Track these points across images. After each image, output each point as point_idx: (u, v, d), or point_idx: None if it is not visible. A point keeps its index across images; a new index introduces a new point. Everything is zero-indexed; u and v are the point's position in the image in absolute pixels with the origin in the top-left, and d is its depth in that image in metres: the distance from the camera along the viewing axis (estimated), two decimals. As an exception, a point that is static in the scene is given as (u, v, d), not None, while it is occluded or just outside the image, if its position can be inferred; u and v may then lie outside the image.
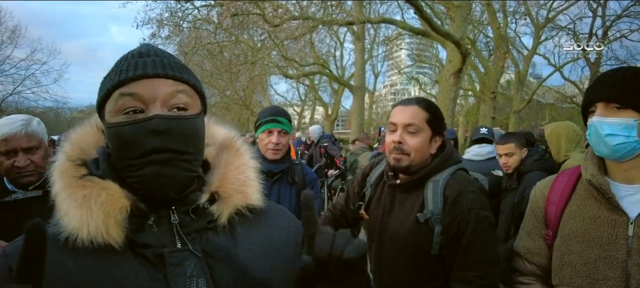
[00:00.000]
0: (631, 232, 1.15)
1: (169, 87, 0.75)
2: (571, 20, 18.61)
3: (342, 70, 27.17)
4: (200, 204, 0.80)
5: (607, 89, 1.17)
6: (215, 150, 0.89)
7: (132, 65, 0.75)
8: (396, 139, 1.56)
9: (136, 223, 0.74)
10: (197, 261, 0.75)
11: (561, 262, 1.27)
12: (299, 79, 20.67)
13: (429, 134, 1.58)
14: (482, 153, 3.61)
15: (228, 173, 0.85)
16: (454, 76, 8.75)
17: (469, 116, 24.24)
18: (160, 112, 0.73)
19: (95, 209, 0.71)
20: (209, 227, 0.80)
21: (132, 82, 0.74)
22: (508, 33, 17.49)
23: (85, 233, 0.70)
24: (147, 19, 13.83)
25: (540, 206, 1.40)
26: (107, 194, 0.72)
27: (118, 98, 0.74)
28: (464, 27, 9.13)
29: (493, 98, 15.54)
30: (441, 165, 1.58)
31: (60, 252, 0.71)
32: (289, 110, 38.27)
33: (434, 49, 25.10)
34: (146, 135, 0.71)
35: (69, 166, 0.76)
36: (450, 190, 1.50)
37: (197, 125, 0.78)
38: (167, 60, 0.78)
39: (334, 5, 12.51)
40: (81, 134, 0.83)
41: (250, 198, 0.86)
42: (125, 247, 0.72)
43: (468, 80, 22.37)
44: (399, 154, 1.56)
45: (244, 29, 14.80)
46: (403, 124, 1.56)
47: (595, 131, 1.18)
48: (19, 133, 1.61)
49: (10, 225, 1.62)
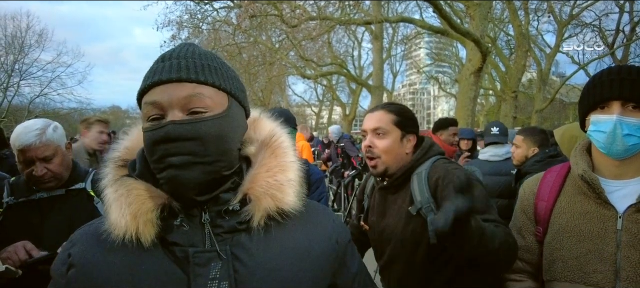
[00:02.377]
0: (620, 226, 1.18)
1: (184, 91, 0.74)
2: (597, 16, 18.15)
3: (360, 70, 27.12)
4: (231, 205, 0.79)
5: (628, 88, 1.15)
6: (256, 148, 0.86)
7: (152, 71, 0.77)
8: (366, 144, 1.63)
9: (168, 222, 0.76)
10: (223, 263, 0.75)
11: (552, 257, 1.29)
12: (316, 79, 20.74)
13: (398, 135, 1.61)
14: (500, 154, 3.53)
15: (258, 176, 0.82)
16: (474, 75, 8.65)
17: (489, 116, 23.87)
18: (176, 117, 0.73)
19: (125, 208, 0.75)
20: (241, 228, 0.79)
21: (151, 89, 0.76)
22: (530, 31, 17.15)
23: (118, 230, 0.74)
24: (167, 21, 14.12)
25: (530, 203, 1.41)
26: (135, 195, 0.76)
27: (144, 105, 0.77)
28: (484, 26, 9.01)
29: (514, 97, 15.23)
30: (421, 158, 1.61)
31: (100, 246, 0.77)
32: (307, 110, 38.43)
33: (454, 47, 24.80)
34: (160, 142, 0.72)
35: (112, 168, 0.82)
36: (435, 175, 1.51)
37: (219, 126, 0.76)
38: (186, 63, 0.77)
39: (351, 5, 12.51)
40: (132, 135, 0.88)
41: (282, 202, 0.82)
42: (156, 245, 0.75)
43: (489, 79, 22.04)
44: (372, 159, 1.62)
45: (262, 30, 14.94)
46: (371, 128, 1.63)
47: (613, 129, 1.16)
48: (35, 143, 1.64)
49: (36, 221, 1.70)
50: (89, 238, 0.79)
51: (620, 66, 1.23)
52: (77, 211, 1.75)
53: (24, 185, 1.75)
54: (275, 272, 0.78)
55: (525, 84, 22.94)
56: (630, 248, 1.15)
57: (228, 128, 0.78)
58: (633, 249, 1.14)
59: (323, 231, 0.89)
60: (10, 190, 1.73)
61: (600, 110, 1.21)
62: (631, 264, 1.14)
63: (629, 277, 1.14)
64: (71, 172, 1.82)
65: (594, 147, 1.28)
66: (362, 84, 21.34)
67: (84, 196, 1.81)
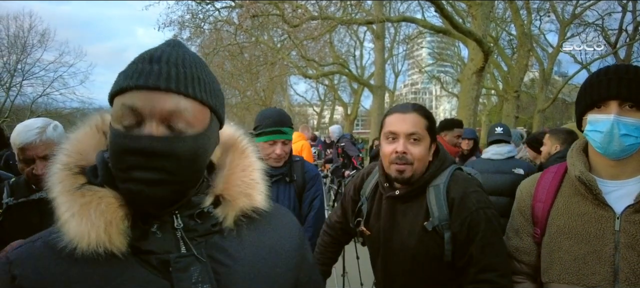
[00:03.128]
0: (617, 227, 1.17)
1: (170, 103, 0.69)
2: (599, 16, 18.09)
3: (361, 70, 27.10)
4: (204, 208, 0.78)
5: (626, 88, 1.14)
6: (220, 151, 0.86)
7: (137, 71, 0.70)
8: (400, 149, 1.47)
9: (139, 230, 0.72)
10: (203, 266, 0.74)
11: (550, 258, 1.28)
12: (318, 78, 20.73)
13: (428, 142, 1.52)
14: (502, 152, 3.56)
15: (233, 176, 0.83)
16: (476, 75, 8.62)
17: (491, 115, 23.82)
18: (155, 131, 0.68)
19: (96, 218, 0.68)
20: (214, 230, 0.79)
21: (133, 91, 0.69)
22: (532, 30, 17.10)
23: (86, 242, 0.67)
24: (169, 21, 14.13)
25: (528, 204, 1.40)
26: (106, 203, 0.70)
27: (119, 105, 0.70)
28: (486, 25, 8.98)
29: (516, 97, 15.20)
30: (439, 170, 1.53)
31: (61, 261, 0.69)
32: (309, 110, 38.45)
33: (456, 47, 24.77)
34: (132, 153, 0.67)
35: (65, 176, 0.73)
36: (454, 193, 1.46)
37: (198, 145, 0.72)
38: (176, 71, 0.71)
39: (353, 4, 12.49)
40: (80, 137, 0.79)
41: (255, 200, 0.84)
42: (129, 255, 0.70)
43: (491, 79, 21.97)
44: (403, 165, 1.48)
45: (264, 29, 14.94)
46: (405, 133, 1.48)
47: (610, 129, 1.15)
48: (35, 141, 1.66)
49: (35, 221, 1.70)
50: (40, 255, 0.70)
51: (617, 65, 1.22)
52: None
53: (23, 185, 1.77)
54: (252, 270, 0.79)
55: (527, 84, 22.89)
56: (628, 249, 1.14)
57: (204, 147, 0.75)
58: (631, 250, 1.14)
59: (289, 229, 0.92)
60: (10, 191, 1.74)
61: (598, 110, 1.20)
62: (629, 265, 1.13)
63: (628, 278, 1.13)
64: None
65: (590, 147, 1.27)
66: (363, 84, 21.31)
67: None
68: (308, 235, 2.15)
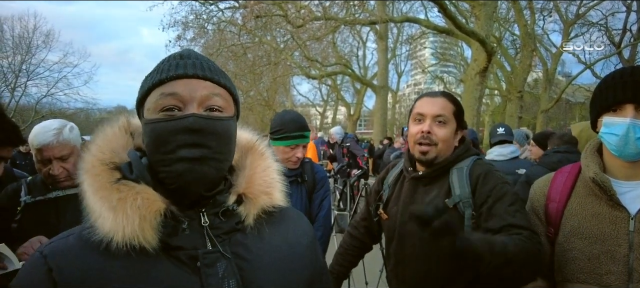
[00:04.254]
0: (632, 227, 1.17)
1: (206, 89, 0.78)
2: (603, 15, 18.02)
3: (364, 70, 27.09)
4: (228, 206, 0.82)
5: None
6: (238, 153, 0.91)
7: (173, 65, 0.79)
8: (425, 129, 1.55)
9: (170, 226, 0.75)
10: (228, 262, 0.78)
11: (564, 258, 1.29)
12: (321, 79, 20.74)
13: (455, 126, 1.59)
14: (505, 153, 3.57)
15: (254, 175, 0.88)
16: (480, 75, 8.63)
17: (494, 116, 23.76)
18: (197, 111, 0.76)
19: (131, 213, 0.71)
20: (237, 228, 0.83)
21: (172, 81, 0.77)
22: (535, 30, 17.06)
23: (121, 236, 0.70)
24: (173, 22, 14.19)
25: (541, 204, 1.41)
26: (143, 198, 0.73)
27: (158, 96, 0.76)
28: (489, 25, 8.99)
29: (520, 97, 15.19)
30: (463, 155, 1.59)
31: (95, 255, 0.71)
32: (311, 110, 38.43)
33: (459, 47, 24.70)
34: (181, 132, 0.73)
35: (102, 170, 0.76)
36: (477, 171, 1.51)
37: (231, 128, 0.81)
38: (206, 64, 0.82)
39: (356, 5, 12.51)
40: (110, 137, 0.83)
41: (275, 198, 0.89)
42: (159, 250, 0.73)
43: (494, 79, 21.95)
44: (427, 145, 1.55)
45: (267, 30, 14.98)
46: (433, 114, 1.56)
47: (626, 133, 1.16)
48: (52, 143, 1.70)
49: (53, 220, 1.75)
50: (75, 249, 0.73)
51: (633, 67, 1.22)
52: None
53: (40, 184, 1.80)
54: (272, 266, 0.83)
55: (530, 84, 22.80)
56: None
57: (235, 131, 0.84)
58: None
59: (301, 227, 0.97)
60: (27, 190, 1.78)
61: (613, 113, 1.20)
62: None
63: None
64: None
65: (605, 148, 1.27)
66: (366, 84, 21.32)
67: None
68: (318, 235, 2.19)
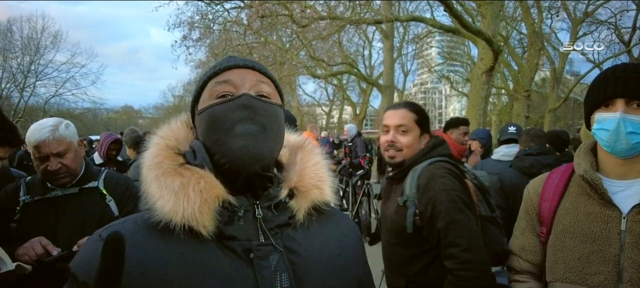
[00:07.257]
0: (624, 227, 1.17)
1: (255, 77, 0.86)
2: (612, 13, 17.81)
3: (370, 69, 27.05)
4: (281, 199, 0.84)
5: (633, 86, 1.14)
6: (288, 152, 0.96)
7: (225, 61, 0.89)
8: (390, 139, 1.82)
9: (226, 215, 0.77)
10: (280, 256, 0.79)
11: (555, 258, 1.28)
12: (327, 78, 20.74)
13: (418, 132, 1.83)
14: (511, 154, 3.52)
15: (305, 170, 0.90)
16: (486, 74, 8.55)
17: (501, 115, 23.60)
18: (250, 92, 0.82)
19: (193, 196, 0.73)
20: (289, 223, 0.84)
21: (225, 72, 0.86)
22: (543, 29, 16.89)
23: (180, 218, 0.72)
24: (179, 22, 14.25)
25: (534, 204, 1.41)
26: (206, 182, 0.75)
27: (213, 86, 0.84)
28: (495, 24, 8.90)
29: (527, 96, 15.01)
30: (421, 158, 1.79)
31: (154, 239, 0.73)
32: (317, 110, 38.45)
33: (466, 46, 24.54)
34: (236, 109, 0.79)
35: (169, 154, 0.80)
36: (423, 177, 1.70)
37: (279, 112, 0.87)
38: (252, 60, 0.90)
39: (362, 4, 12.48)
40: (174, 128, 0.88)
41: (326, 193, 0.91)
42: (213, 237, 0.74)
43: (501, 78, 21.78)
44: (394, 152, 1.82)
45: (273, 30, 15.01)
46: (394, 125, 1.82)
47: (616, 127, 1.15)
48: (48, 139, 1.71)
49: (52, 219, 1.76)
50: (133, 232, 0.74)
51: (626, 64, 1.22)
52: (90, 209, 1.81)
53: (39, 183, 1.81)
54: (322, 261, 0.84)
55: (538, 83, 22.62)
56: (634, 249, 1.14)
57: (283, 119, 0.88)
58: (637, 250, 1.13)
59: (348, 225, 0.98)
60: (26, 189, 1.78)
61: (605, 108, 1.20)
62: (635, 266, 1.13)
63: (632, 278, 1.12)
64: (84, 171, 1.87)
65: (599, 146, 1.27)
66: (372, 84, 21.26)
67: (96, 194, 1.86)
68: None
